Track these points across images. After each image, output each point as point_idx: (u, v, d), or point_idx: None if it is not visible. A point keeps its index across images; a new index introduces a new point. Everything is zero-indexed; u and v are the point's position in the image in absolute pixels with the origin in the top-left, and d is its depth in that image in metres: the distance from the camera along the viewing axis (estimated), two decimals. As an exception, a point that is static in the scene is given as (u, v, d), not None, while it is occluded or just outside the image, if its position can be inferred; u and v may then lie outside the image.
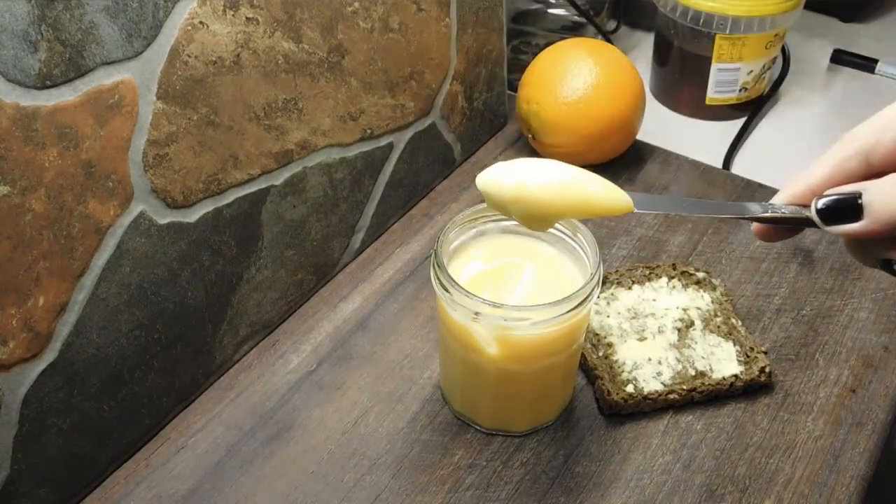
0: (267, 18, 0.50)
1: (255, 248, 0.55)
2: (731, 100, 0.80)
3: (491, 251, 0.51)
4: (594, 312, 0.58)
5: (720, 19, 0.74)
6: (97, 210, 0.45)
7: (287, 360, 0.58)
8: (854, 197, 0.36)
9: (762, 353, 0.55)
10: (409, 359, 0.57)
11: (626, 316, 0.58)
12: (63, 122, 0.41)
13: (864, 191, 0.35)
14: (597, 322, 0.57)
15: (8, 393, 0.43)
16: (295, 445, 0.53)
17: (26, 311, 0.43)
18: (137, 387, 0.51)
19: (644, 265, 0.61)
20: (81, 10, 0.40)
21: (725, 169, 0.75)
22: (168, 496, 0.50)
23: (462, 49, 0.67)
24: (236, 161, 0.52)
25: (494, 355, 0.48)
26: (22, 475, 0.46)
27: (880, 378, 0.55)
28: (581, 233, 0.49)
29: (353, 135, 0.60)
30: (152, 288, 0.49)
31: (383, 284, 0.63)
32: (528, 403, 0.52)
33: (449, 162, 0.72)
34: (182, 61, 0.46)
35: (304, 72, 0.54)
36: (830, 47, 0.90)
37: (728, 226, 0.67)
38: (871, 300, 0.60)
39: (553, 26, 0.85)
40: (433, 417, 0.54)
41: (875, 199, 0.35)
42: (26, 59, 0.39)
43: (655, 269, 0.61)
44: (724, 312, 0.58)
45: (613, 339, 0.56)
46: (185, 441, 0.53)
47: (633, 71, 0.69)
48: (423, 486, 0.50)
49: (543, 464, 0.51)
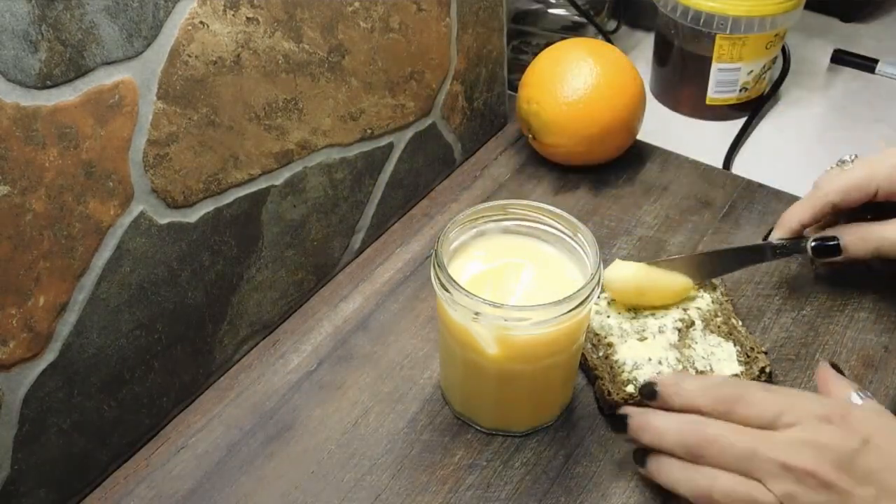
0: (267, 18, 0.50)
1: (256, 248, 0.55)
2: (731, 100, 0.80)
3: (491, 251, 0.51)
4: (594, 312, 0.58)
5: (720, 19, 0.74)
6: (97, 210, 0.45)
7: (287, 360, 0.58)
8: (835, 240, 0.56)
9: (762, 353, 0.55)
10: (409, 359, 0.57)
11: (627, 316, 0.58)
12: (63, 122, 0.41)
13: (840, 236, 0.56)
14: (597, 322, 0.57)
15: (8, 393, 0.43)
16: (295, 445, 0.53)
17: (26, 311, 0.43)
18: (137, 387, 0.51)
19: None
20: (82, 10, 0.40)
21: (726, 169, 0.75)
22: (168, 496, 0.50)
23: (462, 49, 0.67)
24: (236, 161, 0.52)
25: (494, 355, 0.48)
26: (22, 475, 0.46)
27: (880, 378, 0.55)
28: (581, 233, 0.49)
29: (354, 135, 0.60)
30: (152, 288, 0.49)
31: (383, 284, 0.63)
32: (529, 403, 0.52)
33: (449, 162, 0.72)
34: (182, 61, 0.46)
35: (305, 72, 0.54)
36: (830, 47, 0.90)
37: (728, 226, 0.67)
38: (871, 300, 0.60)
39: (553, 26, 0.85)
40: (433, 417, 0.54)
41: (849, 241, 0.55)
42: (26, 59, 0.39)
43: None
44: (724, 312, 0.58)
45: (614, 339, 0.56)
46: (186, 441, 0.53)
47: (634, 71, 0.69)
48: (423, 486, 0.50)
49: (544, 464, 0.51)
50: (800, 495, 0.40)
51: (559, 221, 0.50)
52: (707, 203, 0.69)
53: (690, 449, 0.44)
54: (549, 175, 0.72)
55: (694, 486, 0.43)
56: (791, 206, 0.58)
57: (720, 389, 0.44)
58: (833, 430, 0.41)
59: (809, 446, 0.41)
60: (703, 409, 0.44)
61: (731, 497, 0.42)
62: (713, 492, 0.42)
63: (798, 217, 0.57)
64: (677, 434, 0.44)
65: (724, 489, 0.42)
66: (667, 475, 0.45)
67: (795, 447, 0.41)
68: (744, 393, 0.43)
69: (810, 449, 0.40)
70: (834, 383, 0.47)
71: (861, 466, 0.40)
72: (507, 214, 0.52)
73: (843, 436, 0.40)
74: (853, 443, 0.40)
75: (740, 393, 0.44)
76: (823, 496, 0.40)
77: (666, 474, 0.45)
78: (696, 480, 0.43)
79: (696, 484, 0.43)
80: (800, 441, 0.41)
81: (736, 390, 0.44)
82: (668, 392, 0.46)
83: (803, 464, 0.40)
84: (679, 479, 0.44)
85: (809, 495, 0.40)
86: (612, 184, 0.71)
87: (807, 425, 0.41)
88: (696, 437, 0.44)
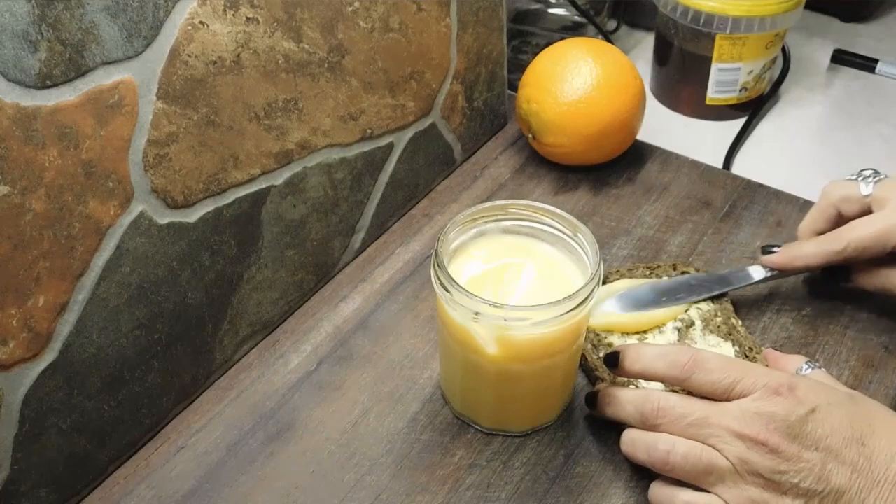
0: (267, 18, 0.50)
1: (256, 248, 0.55)
2: (731, 100, 0.80)
3: (491, 251, 0.51)
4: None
5: (720, 19, 0.74)
6: (97, 210, 0.45)
7: (287, 360, 0.58)
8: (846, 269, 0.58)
9: (762, 354, 0.55)
10: (409, 359, 0.57)
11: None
12: (63, 121, 0.41)
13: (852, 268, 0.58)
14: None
15: (8, 393, 0.43)
16: (295, 445, 0.53)
17: (26, 311, 0.43)
18: (137, 387, 0.51)
19: (645, 265, 0.61)
20: (81, 9, 0.40)
21: (726, 169, 0.75)
22: (168, 496, 0.50)
23: (462, 49, 0.67)
24: (236, 161, 0.52)
25: (494, 355, 0.48)
26: (22, 475, 0.46)
27: (880, 378, 0.55)
28: (581, 233, 0.49)
29: (354, 135, 0.60)
30: (152, 288, 0.49)
31: (383, 284, 0.63)
32: (529, 403, 0.52)
33: (449, 162, 0.72)
34: (182, 61, 0.46)
35: (305, 72, 0.54)
36: (830, 47, 0.90)
37: (728, 226, 0.67)
38: (871, 300, 0.60)
39: (553, 26, 0.85)
40: (433, 417, 0.54)
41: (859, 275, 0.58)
42: (26, 59, 0.39)
43: (656, 269, 0.61)
44: (724, 312, 0.58)
45: (614, 339, 0.56)
46: (185, 441, 0.53)
47: (634, 71, 0.69)
48: (423, 486, 0.50)
49: (544, 464, 0.51)
50: (752, 460, 0.43)
51: (559, 221, 0.50)
52: (707, 203, 0.69)
53: (647, 418, 0.47)
54: (549, 175, 0.72)
55: (653, 452, 0.46)
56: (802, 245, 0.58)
57: (678, 356, 0.46)
58: (781, 400, 0.43)
59: (759, 415, 0.43)
60: (659, 374, 0.47)
61: (688, 460, 0.45)
62: (671, 456, 0.45)
63: (806, 262, 0.57)
64: (634, 405, 0.48)
65: (682, 452, 0.45)
66: (629, 444, 0.48)
67: (747, 416, 0.44)
68: (700, 360, 0.46)
69: (760, 418, 0.43)
70: (784, 360, 0.51)
71: (808, 433, 0.43)
72: (507, 214, 0.52)
73: (791, 405, 0.43)
74: (800, 411, 0.43)
75: (697, 360, 0.46)
76: (774, 461, 0.43)
77: (628, 444, 0.48)
78: (656, 446, 0.46)
79: (655, 449, 0.46)
80: (751, 411, 0.44)
81: (693, 357, 0.46)
82: (629, 359, 0.48)
83: (754, 432, 0.43)
84: (639, 446, 0.47)
85: (761, 461, 0.43)
86: (612, 184, 0.71)
87: (757, 395, 0.44)
88: (652, 406, 0.46)
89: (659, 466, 0.46)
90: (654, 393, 0.47)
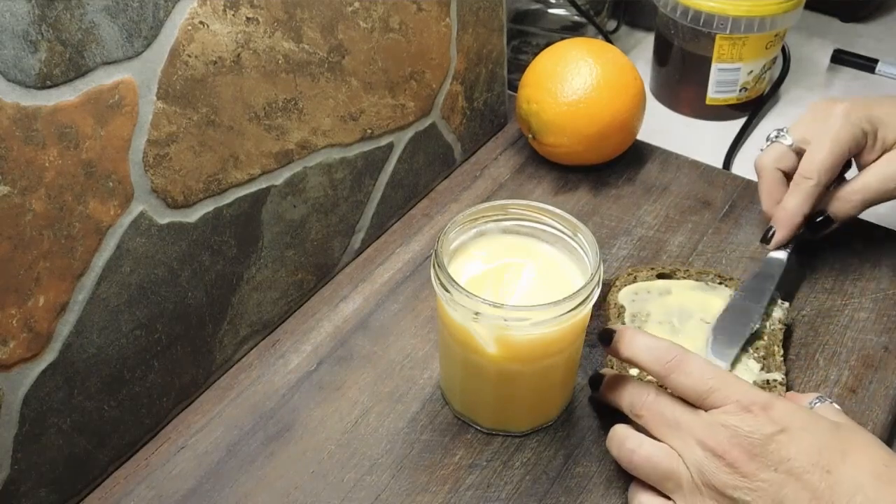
0: (267, 18, 0.50)
1: (256, 248, 0.55)
2: (731, 100, 0.80)
3: (491, 251, 0.51)
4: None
5: (720, 19, 0.74)
6: (97, 210, 0.45)
7: (287, 360, 0.58)
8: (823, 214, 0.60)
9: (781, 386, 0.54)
10: (409, 359, 0.57)
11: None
12: (63, 122, 0.41)
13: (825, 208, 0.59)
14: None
15: (8, 393, 0.43)
16: (295, 445, 0.53)
17: (26, 311, 0.43)
18: (137, 387, 0.51)
19: (658, 268, 0.60)
20: (81, 10, 0.40)
21: (726, 169, 0.75)
22: (168, 496, 0.50)
23: (462, 49, 0.67)
24: (236, 161, 0.52)
25: (494, 355, 0.48)
26: (22, 475, 0.46)
27: (880, 378, 0.55)
28: (581, 233, 0.49)
29: (354, 135, 0.60)
30: (152, 288, 0.49)
31: (383, 284, 0.63)
32: (529, 403, 0.52)
33: (449, 162, 0.72)
34: (182, 61, 0.46)
35: (305, 72, 0.54)
36: (830, 47, 0.90)
37: (728, 226, 0.67)
38: (871, 300, 0.60)
39: (553, 26, 0.85)
40: (433, 417, 0.54)
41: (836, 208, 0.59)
42: (26, 59, 0.39)
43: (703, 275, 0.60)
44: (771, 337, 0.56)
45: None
46: (186, 441, 0.53)
47: (634, 71, 0.69)
48: (423, 486, 0.50)
49: (544, 464, 0.51)
50: (709, 471, 0.43)
51: (559, 221, 0.50)
52: (707, 203, 0.69)
53: (634, 408, 0.47)
54: (549, 175, 0.72)
55: (621, 448, 0.47)
56: (784, 204, 0.59)
57: (664, 353, 0.46)
58: (749, 417, 0.43)
59: (725, 428, 0.43)
60: (643, 365, 0.47)
61: (649, 461, 0.45)
62: (634, 455, 0.46)
63: (800, 213, 0.59)
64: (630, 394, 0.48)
65: (645, 453, 0.46)
66: (609, 437, 0.49)
67: (713, 427, 0.44)
68: (683, 362, 0.46)
69: (724, 431, 0.43)
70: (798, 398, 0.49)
71: (770, 453, 0.42)
72: (507, 214, 0.52)
73: (758, 424, 0.43)
74: (766, 430, 0.43)
75: (680, 360, 0.46)
76: (729, 476, 0.43)
77: (609, 436, 0.49)
78: (624, 443, 0.47)
79: (622, 446, 0.47)
80: (718, 423, 0.44)
81: (677, 357, 0.46)
82: (621, 342, 0.48)
83: (716, 444, 0.43)
84: (614, 440, 0.48)
85: (717, 474, 0.43)
86: (612, 184, 0.71)
87: (728, 408, 0.44)
88: (642, 398, 0.47)
89: (624, 463, 0.47)
90: (649, 387, 0.48)
